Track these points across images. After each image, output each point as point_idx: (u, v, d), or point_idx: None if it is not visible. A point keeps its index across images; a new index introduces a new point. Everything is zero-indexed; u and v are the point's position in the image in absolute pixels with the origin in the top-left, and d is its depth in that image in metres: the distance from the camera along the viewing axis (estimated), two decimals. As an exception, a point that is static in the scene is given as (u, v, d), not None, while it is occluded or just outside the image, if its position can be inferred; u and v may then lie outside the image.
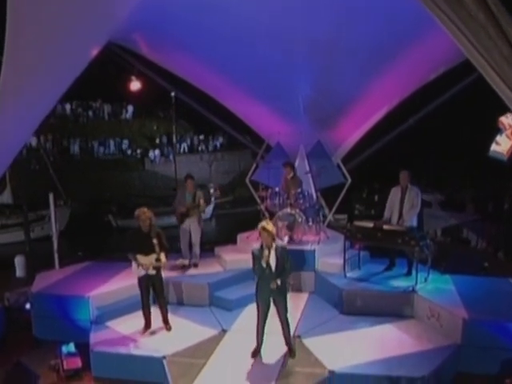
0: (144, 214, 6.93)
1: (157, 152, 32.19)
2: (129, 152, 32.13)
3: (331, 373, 5.84)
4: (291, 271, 6.31)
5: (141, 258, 6.91)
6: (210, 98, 12.47)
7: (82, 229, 19.84)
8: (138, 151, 32.23)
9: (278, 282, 6.01)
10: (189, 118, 33.30)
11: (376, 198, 13.40)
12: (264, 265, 6.00)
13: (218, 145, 35.27)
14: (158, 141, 33.57)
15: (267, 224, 6.09)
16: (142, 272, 6.94)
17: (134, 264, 6.97)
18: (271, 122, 11.49)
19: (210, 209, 24.84)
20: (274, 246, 6.06)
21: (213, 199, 17.85)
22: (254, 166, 11.18)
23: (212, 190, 9.19)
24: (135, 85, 12.17)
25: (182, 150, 33.57)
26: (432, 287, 7.70)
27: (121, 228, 21.98)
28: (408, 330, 7.03)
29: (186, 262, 8.89)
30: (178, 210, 8.85)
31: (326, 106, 10.71)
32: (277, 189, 9.22)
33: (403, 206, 8.10)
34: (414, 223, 8.12)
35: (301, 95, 10.43)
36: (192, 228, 8.87)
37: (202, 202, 8.70)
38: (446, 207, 15.01)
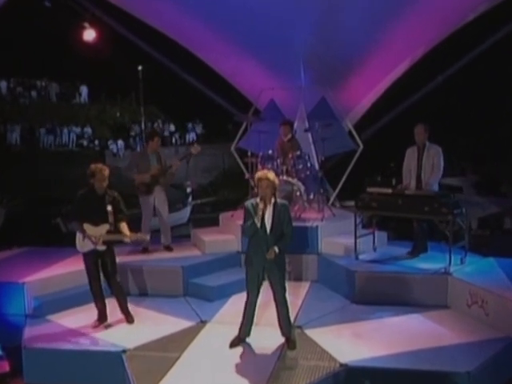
0: (101, 171, 6.50)
1: (120, 143, 31.74)
2: (85, 143, 31.63)
3: (343, 366, 5.47)
4: (292, 237, 5.93)
5: (89, 228, 6.51)
6: (187, 56, 12.26)
7: (21, 233, 19.31)
8: (97, 142, 31.75)
9: (276, 249, 5.71)
10: (160, 103, 33.02)
11: (393, 181, 13.10)
12: (258, 222, 5.70)
13: (195, 136, 34.90)
14: (121, 130, 33.16)
15: (269, 172, 5.84)
16: (89, 246, 6.52)
17: (78, 235, 6.58)
18: (263, 81, 11.21)
19: (187, 211, 24.55)
20: (272, 201, 5.76)
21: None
22: (241, 131, 10.91)
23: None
24: (89, 34, 11.84)
25: (151, 141, 33.18)
26: (471, 269, 7.42)
27: (72, 234, 21.48)
28: (442, 320, 6.70)
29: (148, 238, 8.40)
30: (139, 179, 8.40)
31: (331, 59, 10.46)
32: (270, 151, 8.93)
33: (422, 169, 7.81)
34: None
35: (300, 45, 10.18)
36: (158, 200, 8.51)
37: (177, 162, 8.38)
38: (482, 191, 14.72)
